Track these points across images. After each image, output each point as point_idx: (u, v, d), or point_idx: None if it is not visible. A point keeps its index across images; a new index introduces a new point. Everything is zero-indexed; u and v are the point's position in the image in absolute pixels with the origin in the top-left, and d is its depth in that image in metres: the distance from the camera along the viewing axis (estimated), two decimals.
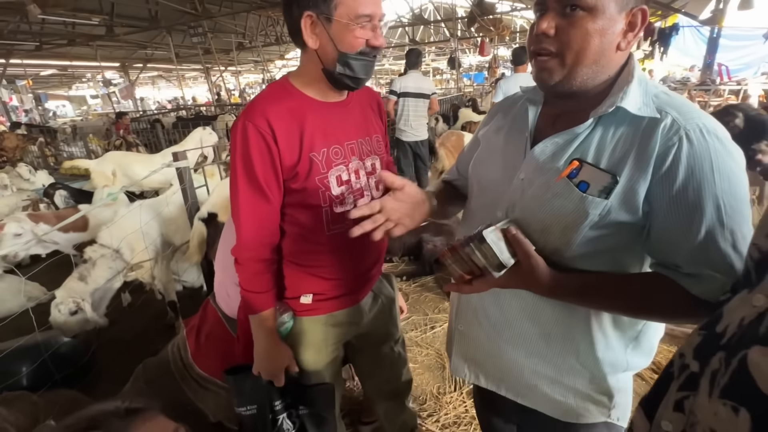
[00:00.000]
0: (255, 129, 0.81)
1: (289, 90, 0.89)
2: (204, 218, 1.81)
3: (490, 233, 0.60)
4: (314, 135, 0.87)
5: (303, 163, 0.86)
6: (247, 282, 0.92)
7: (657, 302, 0.61)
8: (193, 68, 17.05)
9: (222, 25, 10.37)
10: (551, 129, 0.68)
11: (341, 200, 0.92)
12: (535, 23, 0.63)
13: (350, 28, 0.78)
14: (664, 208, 0.58)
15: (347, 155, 0.93)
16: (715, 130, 0.57)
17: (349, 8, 0.77)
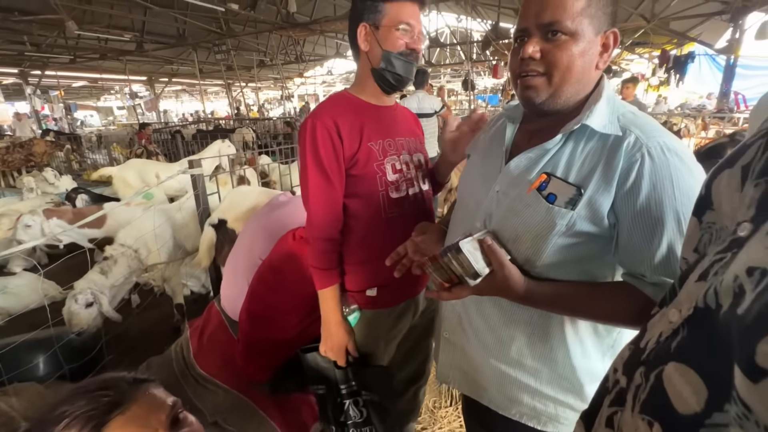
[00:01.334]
0: (323, 126, 0.96)
1: (347, 97, 1.06)
2: (214, 224, 1.88)
3: (466, 243, 0.64)
4: (371, 129, 1.02)
5: (363, 151, 1.00)
6: (315, 259, 1.02)
7: (624, 310, 0.64)
8: (216, 83, 17.71)
9: (245, 43, 10.83)
10: (527, 144, 0.73)
11: (396, 186, 1.04)
12: (519, 49, 0.68)
13: (392, 32, 0.96)
14: (629, 220, 0.62)
15: (399, 148, 1.06)
16: (675, 148, 0.61)
17: (392, 17, 0.96)
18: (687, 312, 0.34)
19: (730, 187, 0.35)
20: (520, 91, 0.70)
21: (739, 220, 0.32)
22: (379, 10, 0.95)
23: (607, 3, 0.64)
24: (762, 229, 0.29)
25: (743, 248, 0.30)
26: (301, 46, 11.45)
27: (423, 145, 1.16)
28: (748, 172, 0.34)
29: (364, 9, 0.96)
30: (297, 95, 19.91)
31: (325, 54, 12.78)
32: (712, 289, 0.31)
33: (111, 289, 1.92)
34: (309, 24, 7.53)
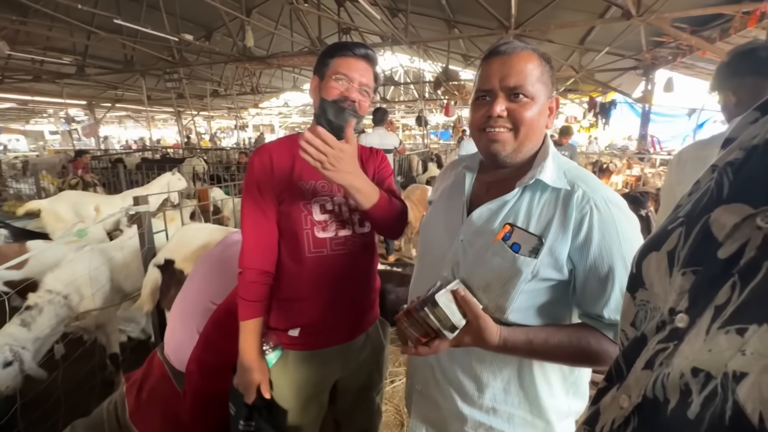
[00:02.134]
0: (260, 159, 1.04)
1: (293, 137, 1.10)
2: (160, 265, 1.74)
3: (441, 296, 0.65)
4: (305, 168, 1.03)
5: (293, 188, 1.04)
6: (243, 290, 1.04)
7: (592, 351, 0.68)
8: (164, 110, 17.04)
9: (198, 72, 10.63)
10: (485, 195, 0.79)
11: (323, 226, 1.05)
12: (483, 106, 0.75)
13: (330, 81, 1.01)
14: (585, 266, 0.69)
15: (333, 191, 1.07)
16: (615, 201, 0.70)
17: (332, 69, 1.01)
18: (636, 399, 0.34)
19: (659, 271, 0.37)
20: (485, 144, 0.76)
21: (673, 306, 0.34)
22: (327, 63, 1.02)
23: (551, 75, 0.75)
24: (699, 325, 0.30)
25: (684, 341, 0.31)
26: (257, 78, 11.45)
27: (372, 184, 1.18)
28: (673, 258, 0.35)
29: (318, 64, 1.04)
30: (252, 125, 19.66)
31: (282, 87, 12.87)
32: (659, 381, 0.31)
33: (35, 342, 1.68)
34: (266, 58, 7.58)
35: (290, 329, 1.07)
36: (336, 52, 1.03)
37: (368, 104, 1.05)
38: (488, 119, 0.73)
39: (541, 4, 5.44)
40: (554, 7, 5.37)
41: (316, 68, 1.04)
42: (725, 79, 1.20)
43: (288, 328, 1.07)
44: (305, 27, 6.42)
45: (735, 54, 1.19)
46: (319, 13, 6.32)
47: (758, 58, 1.11)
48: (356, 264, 1.09)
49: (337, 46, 1.04)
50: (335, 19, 8.04)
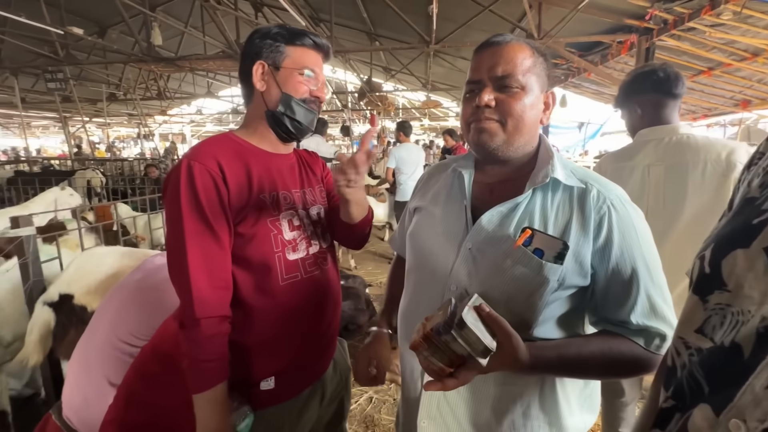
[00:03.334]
0: (203, 169, 0.78)
1: (232, 139, 0.90)
2: (53, 302, 1.39)
3: (468, 315, 0.55)
4: (263, 178, 0.87)
5: (253, 204, 0.84)
6: (203, 349, 0.76)
7: (626, 360, 0.64)
8: (45, 116, 14.52)
9: (90, 73, 9.25)
10: (489, 197, 0.73)
11: (294, 245, 0.90)
12: (472, 98, 0.69)
13: (294, 75, 0.88)
14: (607, 270, 0.65)
15: (294, 202, 0.93)
16: (627, 199, 0.69)
17: (295, 60, 0.88)
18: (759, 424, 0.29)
19: (754, 270, 0.32)
20: (474, 136, 0.71)
21: None
22: (281, 51, 0.88)
23: (546, 67, 0.71)
24: None
25: None
26: (165, 82, 10.37)
27: (323, 193, 1.05)
28: None
29: (263, 47, 0.88)
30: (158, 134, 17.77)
31: (194, 92, 11.84)
32: None
33: None
34: (176, 60, 6.88)
35: (262, 381, 0.86)
36: (294, 39, 0.88)
37: None
38: (476, 110, 0.69)
39: (456, 23, 5.82)
40: (467, 27, 5.79)
41: (261, 52, 0.88)
42: (630, 95, 1.35)
43: (258, 380, 0.86)
44: (221, 29, 5.98)
45: (637, 74, 1.34)
46: (236, 14, 5.94)
47: (657, 77, 1.28)
48: (328, 282, 0.96)
49: (294, 32, 0.89)
50: (253, 22, 7.67)
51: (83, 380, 1.21)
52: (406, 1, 5.79)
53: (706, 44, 4.85)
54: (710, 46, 4.89)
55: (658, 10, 4.31)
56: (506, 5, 4.92)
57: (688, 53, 5.21)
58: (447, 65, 9.33)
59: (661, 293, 0.66)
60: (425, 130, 20.55)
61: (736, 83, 5.97)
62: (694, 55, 5.15)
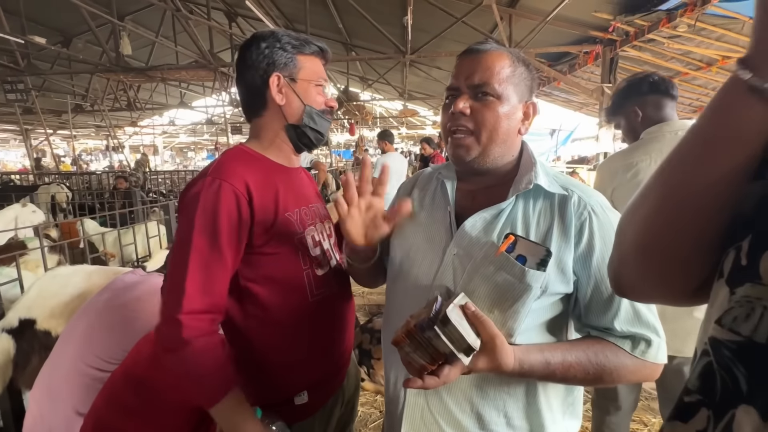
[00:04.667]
0: (231, 190, 0.77)
1: (252, 154, 0.88)
2: (13, 328, 1.29)
3: (452, 312, 0.55)
4: (286, 195, 0.87)
5: (280, 223, 0.83)
6: (198, 364, 0.72)
7: (611, 366, 0.64)
8: (5, 129, 13.79)
9: (54, 83, 8.88)
10: (472, 203, 0.73)
11: (319, 262, 0.90)
12: (451, 104, 0.70)
13: (311, 87, 0.88)
14: (589, 276, 0.65)
15: (313, 217, 0.93)
16: (608, 205, 0.69)
17: (309, 72, 0.87)
18: None
19: None
20: (451, 149, 0.71)
21: None
22: (294, 62, 0.86)
23: (527, 76, 0.71)
24: None
25: None
26: (135, 92, 10.06)
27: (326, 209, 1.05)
28: None
29: (274, 58, 0.84)
30: (128, 146, 17.18)
31: (166, 103, 11.55)
32: None
33: None
34: (146, 70, 6.70)
35: (296, 396, 0.85)
36: (304, 48, 0.87)
37: None
38: (452, 116, 0.69)
39: (431, 34, 5.94)
40: (441, 38, 5.92)
41: (274, 64, 0.84)
42: (626, 100, 1.38)
43: (292, 396, 0.85)
44: (194, 39, 5.88)
45: (632, 80, 1.38)
46: (209, 23, 5.86)
47: (653, 80, 1.33)
48: (348, 294, 0.97)
49: (302, 41, 0.87)
50: (227, 32, 7.58)
51: (48, 411, 1.13)
52: (381, 12, 5.88)
53: (665, 54, 5.14)
54: (669, 56, 5.19)
55: (620, 23, 4.55)
56: (478, 17, 5.06)
57: (649, 63, 5.50)
58: (423, 75, 9.49)
59: None
60: (403, 138, 20.76)
61: (693, 91, 6.35)
62: (655, 64, 5.45)
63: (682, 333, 1.18)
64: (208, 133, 17.93)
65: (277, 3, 7.32)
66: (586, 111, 9.66)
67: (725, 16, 3.87)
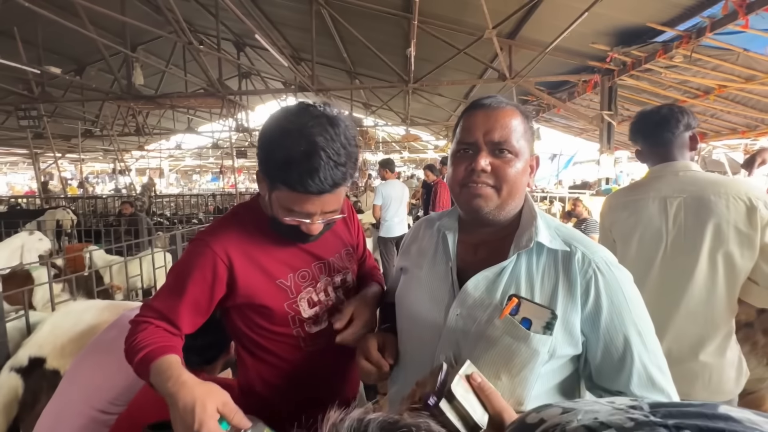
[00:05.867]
0: (212, 253, 0.80)
1: (257, 212, 0.88)
2: (22, 367, 1.28)
3: (457, 386, 0.53)
4: (279, 261, 0.86)
5: (270, 291, 0.84)
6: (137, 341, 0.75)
7: None
8: (15, 153, 14.04)
9: (65, 109, 9.11)
10: (473, 257, 0.73)
11: (314, 320, 0.89)
12: (465, 160, 0.69)
13: (281, 213, 0.77)
14: (598, 338, 0.63)
15: (315, 275, 0.90)
16: (614, 262, 0.67)
17: (282, 200, 0.76)
18: None
19: None
20: (466, 198, 0.70)
21: None
22: (273, 182, 0.75)
23: (532, 131, 0.73)
24: None
25: None
26: (144, 118, 10.31)
27: (351, 256, 0.99)
28: None
29: (261, 164, 0.78)
30: (135, 169, 17.42)
31: (174, 128, 11.79)
32: None
33: None
34: (157, 98, 6.89)
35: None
36: (285, 177, 0.71)
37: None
38: (471, 173, 0.68)
39: (434, 63, 6.12)
40: (444, 67, 6.10)
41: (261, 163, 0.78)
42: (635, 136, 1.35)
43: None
44: (204, 69, 6.07)
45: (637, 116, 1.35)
46: (219, 54, 6.05)
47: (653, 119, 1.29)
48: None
49: (288, 164, 0.70)
50: (235, 62, 7.82)
51: None
52: (385, 43, 6.09)
53: (662, 83, 5.26)
54: (666, 85, 5.31)
55: (617, 53, 4.68)
56: (479, 48, 5.22)
57: (647, 91, 5.63)
58: (425, 101, 9.71)
59: (656, 362, 0.64)
60: (405, 162, 20.98)
61: None
62: (653, 93, 5.56)
63: (690, 375, 1.15)
64: (214, 157, 18.20)
65: (284, 34, 7.59)
66: (586, 136, 9.80)
67: (719, 47, 3.98)
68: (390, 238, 4.46)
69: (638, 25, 4.14)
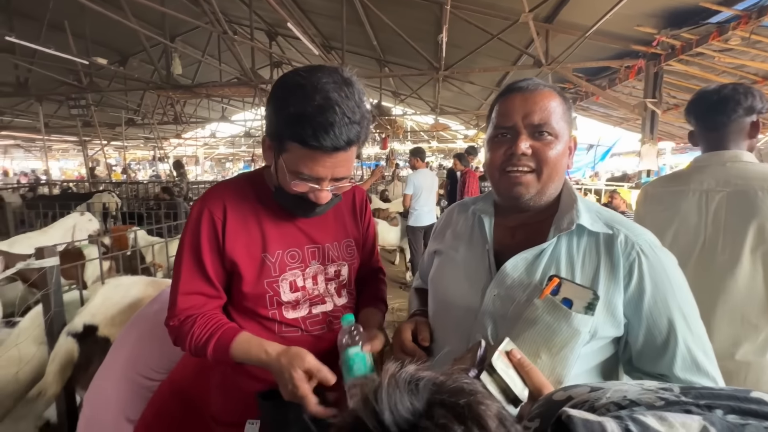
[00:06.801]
0: (209, 214, 0.81)
1: (259, 183, 0.87)
2: (77, 333, 1.40)
3: (498, 361, 0.53)
4: (272, 235, 0.84)
5: (253, 262, 0.82)
6: (195, 336, 0.78)
7: None
8: (65, 140, 15.02)
9: (110, 99, 9.63)
10: (511, 241, 0.72)
11: (293, 306, 0.85)
12: (504, 144, 0.69)
13: (287, 173, 0.75)
14: (640, 320, 0.62)
15: (306, 259, 0.86)
16: (657, 244, 0.66)
17: (292, 161, 0.73)
18: None
19: None
20: (507, 185, 0.70)
21: None
22: (283, 143, 0.73)
23: (570, 112, 0.72)
24: None
25: None
26: (181, 107, 10.72)
27: (353, 249, 0.94)
28: None
29: (270, 126, 0.75)
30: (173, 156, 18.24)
31: (209, 117, 12.21)
32: None
33: None
34: (193, 87, 7.14)
35: (247, 422, 0.83)
36: (299, 132, 0.69)
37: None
38: (510, 157, 0.68)
39: (466, 50, 5.96)
40: (476, 53, 5.92)
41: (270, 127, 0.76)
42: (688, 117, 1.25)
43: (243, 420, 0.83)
44: (237, 58, 6.22)
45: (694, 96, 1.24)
46: (252, 43, 6.17)
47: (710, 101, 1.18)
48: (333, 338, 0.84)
49: (301, 119, 0.68)
50: (267, 51, 7.96)
51: (99, 414, 1.20)
52: (416, 30, 5.98)
53: (715, 68, 4.88)
54: (719, 71, 4.92)
55: (665, 36, 4.37)
56: (514, 33, 5.03)
57: (697, 77, 5.24)
58: (455, 89, 9.51)
59: (702, 345, 0.63)
60: (433, 151, 20.76)
61: None
62: (704, 79, 5.18)
63: (725, 374, 1.10)
64: (245, 145, 18.72)
65: (315, 23, 7.62)
66: (627, 126, 9.29)
67: None
68: (419, 227, 4.45)
69: (689, 4, 3.84)
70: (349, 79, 0.72)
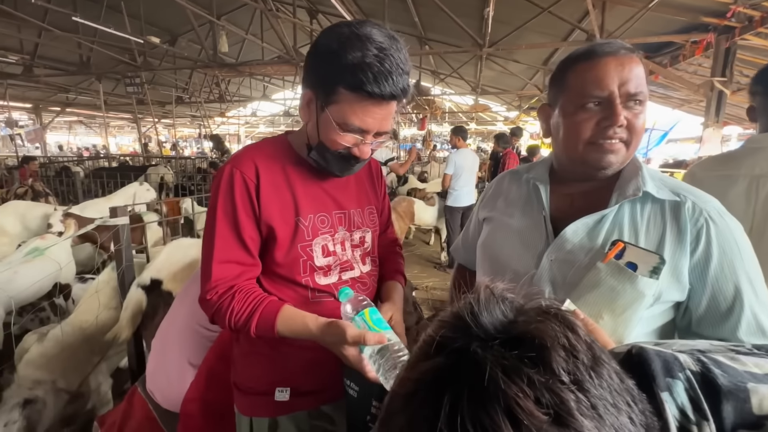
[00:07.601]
0: (241, 176, 0.78)
1: (285, 147, 0.86)
2: (145, 285, 1.55)
3: None
4: (303, 198, 0.83)
5: (287, 227, 0.81)
6: (236, 313, 0.77)
7: None
8: (121, 117, 16.04)
9: (161, 77, 10.12)
10: (569, 208, 0.72)
11: (326, 272, 0.86)
12: (600, 115, 0.65)
13: (335, 129, 0.74)
14: (705, 286, 0.62)
15: (334, 225, 0.87)
16: (724, 211, 0.65)
17: (341, 112, 0.72)
18: None
19: None
20: (597, 156, 0.66)
21: None
22: (334, 90, 0.71)
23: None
24: None
25: None
26: (226, 85, 11.08)
27: (374, 216, 0.96)
28: None
29: (318, 71, 0.74)
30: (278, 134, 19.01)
31: (250, 96, 12.54)
32: None
33: None
34: (238, 65, 7.35)
35: (277, 390, 0.85)
36: (354, 79, 0.68)
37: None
38: (605, 129, 0.64)
39: (512, 26, 5.68)
40: (523, 29, 5.63)
41: (315, 82, 0.75)
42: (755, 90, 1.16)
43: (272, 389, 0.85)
44: (280, 36, 6.30)
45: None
46: (294, 20, 6.22)
47: None
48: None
49: (359, 67, 0.67)
50: (308, 29, 7.99)
51: (166, 360, 1.33)
52: (460, 4, 5.76)
53: None
54: None
55: (742, 6, 3.94)
56: (566, 6, 4.72)
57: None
58: (498, 68, 9.13)
59: (767, 310, 0.62)
60: (472, 134, 20.21)
61: None
62: None
63: None
64: (285, 125, 19.14)
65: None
66: (688, 108, 8.56)
67: None
68: (457, 208, 4.40)
69: None
70: (395, 35, 0.73)
